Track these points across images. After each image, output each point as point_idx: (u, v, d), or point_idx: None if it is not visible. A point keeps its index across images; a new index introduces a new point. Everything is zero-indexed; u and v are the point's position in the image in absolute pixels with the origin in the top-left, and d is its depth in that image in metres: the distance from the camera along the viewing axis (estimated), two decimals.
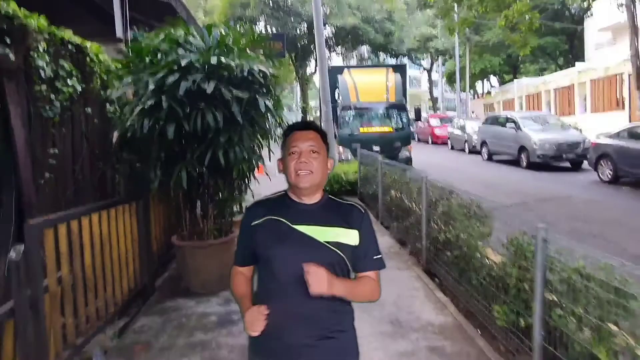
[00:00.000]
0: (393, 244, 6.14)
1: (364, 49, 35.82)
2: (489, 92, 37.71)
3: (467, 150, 20.18)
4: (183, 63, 3.65)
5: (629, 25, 15.88)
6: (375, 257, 1.64)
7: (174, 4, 6.68)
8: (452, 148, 22.29)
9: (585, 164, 12.93)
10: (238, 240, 1.68)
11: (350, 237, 1.57)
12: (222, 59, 3.74)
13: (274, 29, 28.97)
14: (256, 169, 4.75)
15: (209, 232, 4.43)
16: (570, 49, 33.46)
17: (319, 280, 1.42)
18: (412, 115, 14.08)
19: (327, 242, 1.53)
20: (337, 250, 1.54)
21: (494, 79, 42.60)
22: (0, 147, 3.57)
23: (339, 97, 13.60)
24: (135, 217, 4.26)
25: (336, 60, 40.24)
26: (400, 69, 14.23)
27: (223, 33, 4.42)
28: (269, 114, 4.27)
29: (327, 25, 28.21)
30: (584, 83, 22.15)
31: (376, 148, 11.65)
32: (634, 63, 15.70)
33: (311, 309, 1.50)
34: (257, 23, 28.74)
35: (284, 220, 1.55)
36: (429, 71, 39.97)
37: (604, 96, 20.91)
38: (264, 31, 28.53)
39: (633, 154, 10.30)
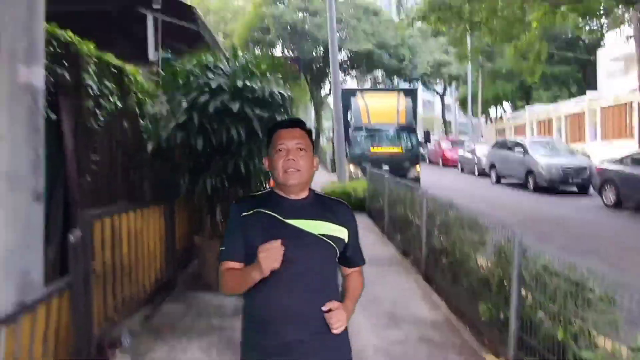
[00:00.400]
0: (396, 254, 6.58)
1: (379, 73, 36.62)
2: (501, 118, 38.05)
3: (476, 173, 20.51)
4: (213, 85, 4.23)
5: (637, 57, 16.35)
6: (361, 252, 1.73)
7: (202, 31, 7.34)
8: (462, 170, 22.63)
9: (591, 188, 13.22)
10: (226, 235, 1.63)
11: (340, 232, 1.60)
12: (247, 82, 4.31)
13: (290, 52, 30.00)
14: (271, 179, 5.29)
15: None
16: (583, 77, 33.84)
17: (341, 320, 1.49)
18: (421, 137, 14.57)
19: (322, 235, 1.55)
20: (332, 243, 1.56)
21: (507, 105, 43.06)
22: (53, 151, 4.14)
23: (351, 118, 14.18)
24: (163, 218, 4.78)
25: (351, 83, 41.20)
26: (411, 93, 14.82)
27: (247, 59, 5.00)
28: None
29: (342, 49, 29.11)
30: (595, 111, 22.48)
31: (385, 167, 12.12)
32: None
33: (306, 305, 1.50)
34: (275, 46, 29.79)
35: (275, 214, 1.55)
36: (442, 96, 40.60)
37: (614, 124, 21.21)
38: (280, 54, 29.56)
39: (635, 180, 10.61)
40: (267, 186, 5.27)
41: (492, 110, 45.39)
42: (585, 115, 23.18)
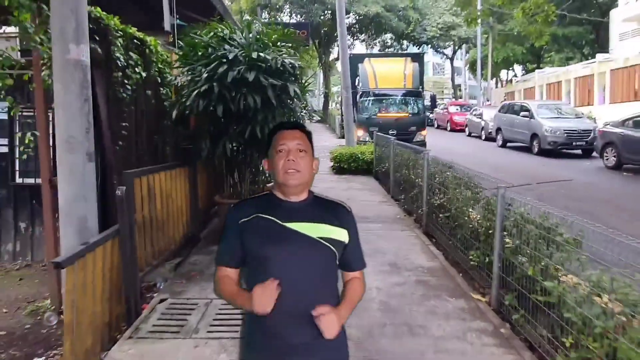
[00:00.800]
0: (400, 212, 7.08)
1: (387, 36, 36.25)
2: (510, 81, 37.70)
3: (483, 136, 20.74)
4: (230, 57, 4.63)
5: None
6: (362, 256, 1.71)
7: (214, 1, 7.63)
8: (470, 135, 22.85)
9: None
10: (223, 239, 1.63)
11: (340, 234, 1.59)
12: (261, 54, 4.70)
13: (298, 17, 29.77)
14: None
15: (246, 193, 5.44)
16: (596, 39, 33.22)
17: (332, 325, 1.46)
18: (427, 102, 14.81)
19: (321, 238, 1.54)
20: (331, 246, 1.55)
21: (518, 68, 42.55)
22: None
23: (359, 84, 14.44)
24: (187, 179, 5.30)
25: (359, 47, 40.80)
26: (418, 58, 14.98)
27: (260, 30, 5.37)
28: (296, 98, 5.22)
29: (350, 13, 28.81)
30: (604, 73, 22.34)
31: (392, 132, 12.49)
32: None
33: (306, 308, 1.48)
34: (283, 10, 29.56)
35: (273, 218, 1.55)
36: (452, 59, 40.18)
37: (623, 87, 21.13)
38: (288, 19, 29.33)
39: (636, 142, 10.91)
40: None
41: (503, 74, 44.99)
42: (595, 78, 23.04)
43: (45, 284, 4.73)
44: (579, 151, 14.55)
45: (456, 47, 38.20)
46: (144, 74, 5.40)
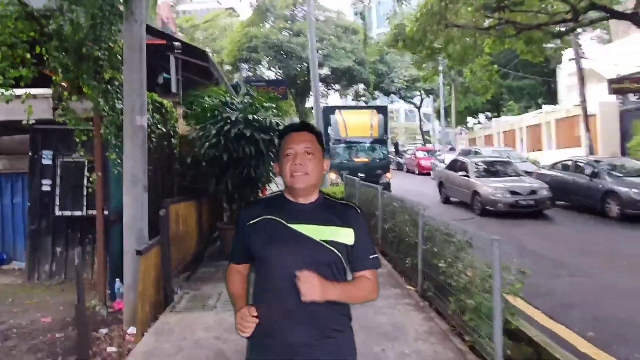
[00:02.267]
0: None
1: (360, 87, 39.13)
2: (471, 128, 40.84)
3: None
4: (232, 118, 6.38)
5: (577, 77, 18.98)
6: (371, 257, 1.67)
7: (211, 68, 9.47)
8: (434, 178, 25.03)
9: None
10: (234, 238, 1.70)
11: (345, 235, 1.58)
12: (255, 115, 6.48)
13: (276, 69, 32.26)
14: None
15: None
16: (548, 90, 36.78)
17: (311, 287, 1.46)
18: (392, 148, 16.84)
19: (323, 241, 1.54)
20: (333, 249, 1.55)
21: (482, 116, 46.06)
22: None
23: (331, 132, 16.41)
24: (195, 209, 6.89)
25: (334, 96, 43.53)
26: (382, 110, 17.13)
27: (253, 96, 7.17)
28: None
29: (324, 66, 31.44)
30: (550, 122, 25.15)
31: (361, 175, 14.33)
32: (582, 108, 18.72)
33: (309, 309, 1.49)
34: (261, 63, 32.01)
35: (279, 219, 1.57)
36: (419, 108, 43.27)
37: (566, 134, 23.86)
38: (266, 70, 31.73)
39: (563, 183, 13.00)
40: (269, 187, 7.42)
41: (471, 120, 48.47)
42: (542, 127, 25.83)
43: (87, 292, 6.18)
44: None
45: (422, 97, 41.35)
46: (163, 130, 7.10)
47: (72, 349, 4.23)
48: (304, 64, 31.10)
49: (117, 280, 5.86)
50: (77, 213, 7.25)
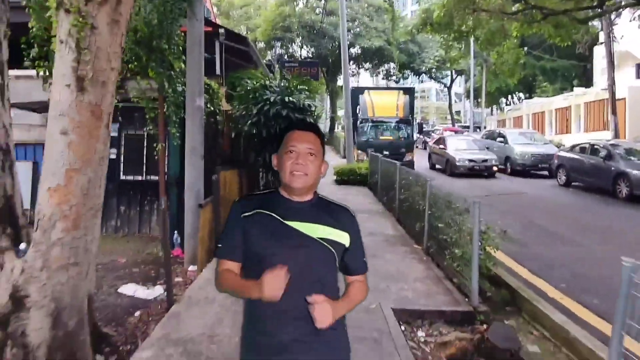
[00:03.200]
0: (383, 208, 9.82)
1: (390, 66, 39.49)
2: (502, 109, 40.66)
3: None
4: (271, 100, 7.45)
5: (607, 60, 19.09)
6: (363, 260, 1.71)
7: (251, 52, 10.53)
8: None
9: None
10: (225, 232, 1.64)
11: (340, 237, 1.60)
12: (290, 97, 7.53)
13: (309, 47, 33.04)
14: None
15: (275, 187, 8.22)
16: (583, 72, 36.19)
17: (325, 314, 1.46)
18: (417, 128, 17.63)
19: (320, 238, 1.56)
20: (330, 247, 1.57)
21: (516, 97, 45.68)
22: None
23: (359, 112, 17.31)
24: (238, 176, 8.07)
25: (364, 75, 44.05)
26: (409, 91, 17.88)
27: (289, 80, 8.21)
28: None
29: (355, 45, 32.00)
30: (579, 105, 25.17)
31: (385, 152, 15.25)
32: (610, 92, 18.90)
33: (303, 306, 1.49)
34: (294, 42, 32.83)
35: (275, 215, 1.56)
36: (449, 88, 43.27)
37: (594, 118, 23.92)
38: (299, 49, 32.52)
39: (579, 164, 13.60)
40: None
41: (503, 101, 48.13)
42: (572, 109, 25.87)
43: (148, 243, 7.52)
44: (545, 172, 17.21)
45: (453, 77, 41.33)
46: (211, 108, 8.26)
47: (149, 278, 5.51)
48: (336, 43, 31.74)
49: (175, 232, 7.15)
50: (138, 178, 8.56)
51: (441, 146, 18.21)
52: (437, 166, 18.63)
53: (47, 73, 4.82)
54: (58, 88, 2.86)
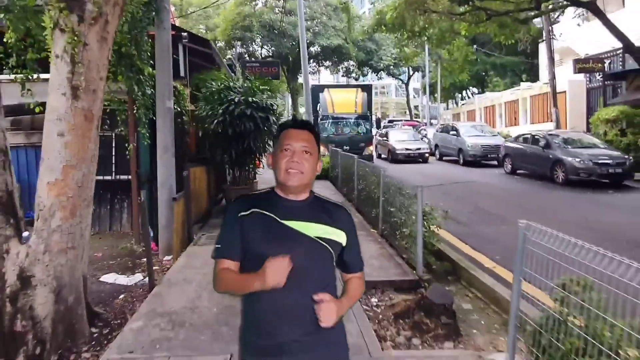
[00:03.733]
0: (344, 199, 10.50)
1: (350, 63, 40.39)
2: (457, 104, 42.44)
3: None
4: (236, 100, 7.97)
5: (547, 57, 20.54)
6: (360, 257, 1.76)
7: (214, 55, 10.95)
8: None
9: None
10: (222, 232, 1.63)
11: (337, 235, 1.61)
12: (253, 98, 8.07)
13: (269, 45, 33.41)
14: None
15: (240, 182, 8.74)
16: (531, 67, 38.30)
17: (330, 313, 1.48)
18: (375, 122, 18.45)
19: (318, 237, 1.56)
20: (328, 246, 1.57)
21: (470, 92, 47.72)
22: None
23: (319, 109, 17.99)
24: (206, 173, 8.55)
25: (324, 72, 44.76)
26: (366, 88, 18.73)
27: (252, 81, 8.74)
28: (274, 124, 8.58)
29: (315, 44, 32.64)
30: (526, 99, 26.82)
31: (346, 147, 15.99)
32: (551, 86, 20.36)
33: (302, 306, 1.51)
34: (255, 41, 33.12)
35: (272, 215, 1.56)
36: (407, 84, 44.67)
37: (539, 110, 25.58)
38: (260, 49, 32.85)
39: (522, 153, 14.78)
40: (264, 159, 9.07)
41: (458, 97, 50.11)
42: (519, 103, 27.51)
43: (120, 239, 7.89)
44: (495, 162, 18.42)
45: (410, 74, 42.73)
46: (178, 108, 8.67)
47: (127, 268, 5.95)
48: (296, 42, 32.25)
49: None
50: (108, 177, 8.87)
51: (384, 138, 21.67)
52: (382, 155, 21.62)
53: (25, 80, 5.17)
54: (55, 96, 3.33)
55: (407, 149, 19.89)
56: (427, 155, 20.15)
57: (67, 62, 3.25)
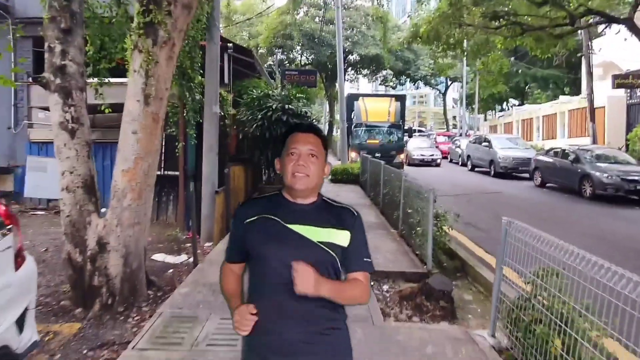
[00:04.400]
0: (371, 203, 11.17)
1: (387, 72, 40.93)
2: (495, 115, 42.12)
3: (460, 162, 24.89)
4: (274, 107, 8.81)
5: (585, 71, 20.47)
6: (365, 259, 1.68)
7: (256, 64, 11.90)
8: (451, 161, 27.00)
9: None
10: (230, 237, 1.72)
11: (341, 237, 1.61)
12: (290, 105, 8.89)
13: (308, 53, 34.46)
14: None
15: (275, 181, 9.55)
16: (574, 80, 37.65)
17: (306, 280, 1.46)
18: (407, 131, 19.02)
19: (320, 242, 1.57)
20: (329, 250, 1.58)
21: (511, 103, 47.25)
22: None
23: (354, 117, 18.71)
24: (243, 171, 9.42)
25: (362, 81, 45.45)
26: (400, 98, 19.32)
27: (289, 89, 9.59)
28: None
29: (353, 53, 33.42)
30: (564, 113, 26.58)
31: (377, 154, 16.62)
32: (589, 101, 20.30)
33: (305, 307, 1.52)
34: (295, 49, 34.25)
35: (277, 219, 1.59)
36: (444, 94, 44.72)
37: (577, 124, 25.32)
38: (299, 56, 33.93)
39: (552, 167, 14.97)
40: None
41: (498, 107, 49.66)
42: (557, 116, 27.28)
43: (165, 228, 8.84)
44: (526, 175, 18.53)
45: (448, 84, 42.80)
46: (221, 113, 9.61)
47: (173, 251, 6.85)
48: (334, 50, 33.11)
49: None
50: (157, 172, 9.91)
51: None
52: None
53: (98, 85, 6.15)
54: (131, 102, 4.21)
55: (422, 155, 23.78)
56: (439, 160, 23.99)
57: (142, 76, 4.12)
